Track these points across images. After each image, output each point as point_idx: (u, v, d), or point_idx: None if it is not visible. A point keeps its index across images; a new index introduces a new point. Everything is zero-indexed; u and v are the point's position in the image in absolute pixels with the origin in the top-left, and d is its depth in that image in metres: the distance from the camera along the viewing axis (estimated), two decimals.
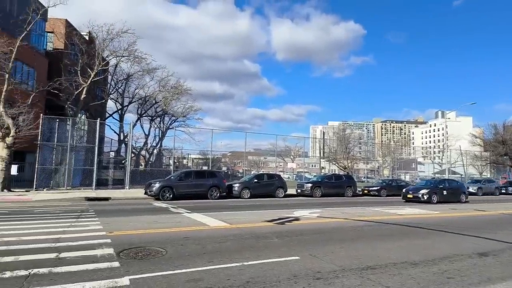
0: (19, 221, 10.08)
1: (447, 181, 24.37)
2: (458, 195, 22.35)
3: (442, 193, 21.31)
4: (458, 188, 23.40)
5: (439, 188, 21.59)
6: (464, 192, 23.18)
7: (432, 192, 20.85)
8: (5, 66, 21.10)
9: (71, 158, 23.86)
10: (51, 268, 5.39)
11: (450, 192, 21.87)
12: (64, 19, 35.47)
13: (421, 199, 20.55)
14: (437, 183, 22.95)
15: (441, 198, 21.01)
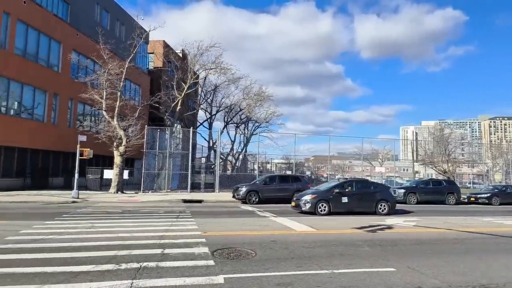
0: (130, 219, 11.59)
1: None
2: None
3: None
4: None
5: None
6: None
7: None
8: (117, 85, 24.70)
9: (170, 163, 26.58)
10: (158, 262, 6.05)
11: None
12: (162, 40, 39.97)
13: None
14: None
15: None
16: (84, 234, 8.47)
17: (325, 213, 13.90)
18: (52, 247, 7.04)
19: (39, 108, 25.52)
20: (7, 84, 22.54)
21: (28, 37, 24.15)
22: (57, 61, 26.99)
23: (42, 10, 25.72)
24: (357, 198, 14.58)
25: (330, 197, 14.21)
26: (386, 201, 14.84)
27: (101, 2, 35.73)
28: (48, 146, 25.83)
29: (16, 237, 7.97)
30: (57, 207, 15.17)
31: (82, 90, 24.21)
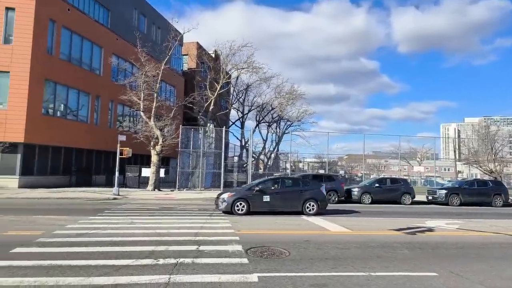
0: (167, 216, 11.98)
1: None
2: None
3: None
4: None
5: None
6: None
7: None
8: (154, 86, 25.61)
9: (203, 162, 27.16)
10: (193, 259, 6.20)
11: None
12: (195, 42, 40.89)
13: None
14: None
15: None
16: (125, 230, 8.86)
17: (243, 213, 12.49)
18: (95, 241, 7.44)
19: (83, 110, 27.10)
20: (54, 88, 24.15)
21: (73, 42, 25.70)
22: (98, 65, 28.49)
23: (85, 17, 27.25)
24: (281, 197, 13.13)
25: (249, 195, 12.82)
26: (315, 200, 13.27)
27: (138, 7, 37.22)
28: (91, 146, 27.36)
29: (63, 231, 8.51)
30: (99, 203, 16.03)
31: (122, 92, 25.36)
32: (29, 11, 21.81)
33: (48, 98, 23.69)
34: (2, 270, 5.23)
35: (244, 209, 12.60)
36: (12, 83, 21.41)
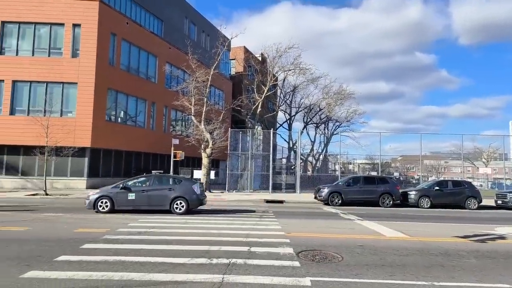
0: (219, 217, 12.29)
1: None
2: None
3: None
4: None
5: None
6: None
7: None
8: (204, 91, 26.56)
9: (251, 164, 27.50)
10: (245, 259, 6.27)
11: None
12: (242, 46, 41.68)
13: None
14: None
15: None
16: (180, 229, 9.27)
17: (107, 211, 12.26)
18: (154, 239, 7.88)
19: (140, 116, 29.00)
20: (115, 96, 26.16)
21: (131, 53, 27.66)
22: (154, 73, 30.31)
23: (141, 29, 29.18)
24: (148, 195, 12.72)
25: (114, 193, 12.57)
26: (185, 199, 12.74)
27: (189, 16, 38.96)
28: (148, 149, 29.15)
29: (125, 229, 9.14)
30: None
31: (174, 98, 26.69)
32: (93, 27, 23.91)
33: (110, 105, 25.72)
34: (75, 264, 5.76)
35: (107, 207, 12.42)
36: (80, 93, 23.61)
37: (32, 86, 23.80)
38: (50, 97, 23.29)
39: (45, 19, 23.90)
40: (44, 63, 23.67)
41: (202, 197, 13.38)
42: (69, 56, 23.88)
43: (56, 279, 4.96)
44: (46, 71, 23.47)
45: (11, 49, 24.03)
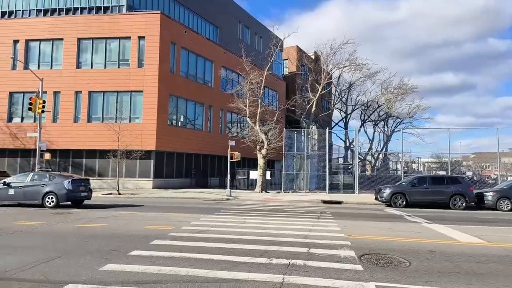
0: (276, 217, 12.37)
1: None
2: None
3: None
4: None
5: None
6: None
7: None
8: (258, 93, 26.93)
9: (307, 164, 27.17)
10: (305, 261, 6.22)
11: None
12: (295, 45, 41.44)
13: None
14: None
15: None
16: (239, 228, 9.52)
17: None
18: (215, 237, 8.20)
19: (198, 119, 30.41)
20: (176, 102, 27.78)
21: (189, 60, 29.15)
22: (210, 77, 31.57)
23: (198, 36, 30.59)
24: (24, 190, 13.98)
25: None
26: (55, 194, 13.81)
27: (243, 20, 39.84)
28: (206, 151, 30.43)
29: (188, 227, 9.65)
30: (215, 203, 17.65)
31: (230, 100, 27.49)
32: (155, 38, 25.68)
33: (172, 110, 27.38)
34: (146, 259, 6.23)
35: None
36: (145, 100, 25.51)
37: (105, 96, 26.34)
38: (120, 105, 25.57)
39: (114, 34, 26.28)
40: (114, 74, 26.03)
41: (74, 193, 14.26)
42: (135, 66, 25.95)
43: (131, 272, 5.42)
44: (116, 82, 25.80)
45: (87, 63, 26.85)
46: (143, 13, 26.72)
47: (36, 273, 5.28)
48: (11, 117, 27.32)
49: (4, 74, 27.04)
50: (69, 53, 26.63)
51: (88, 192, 15.13)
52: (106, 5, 28.15)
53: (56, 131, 25.75)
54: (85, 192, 14.89)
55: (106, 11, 28.12)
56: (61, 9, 28.80)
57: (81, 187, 14.74)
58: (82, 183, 15.03)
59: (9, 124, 26.89)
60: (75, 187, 14.36)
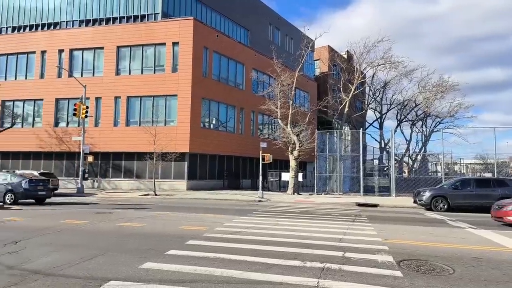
0: (308, 219, 12.22)
1: None
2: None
3: None
4: None
5: None
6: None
7: None
8: (289, 94, 26.80)
9: (340, 166, 26.59)
10: (340, 265, 6.08)
11: None
12: (327, 45, 40.82)
13: None
14: None
15: None
16: (271, 230, 9.51)
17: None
18: (248, 239, 8.25)
19: (230, 122, 30.81)
20: (208, 105, 28.34)
21: (221, 64, 29.66)
22: (241, 80, 31.90)
23: (230, 40, 31.05)
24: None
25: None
26: (13, 192, 15.14)
27: (273, 22, 39.91)
28: (238, 153, 30.74)
29: (222, 228, 9.79)
30: (247, 205, 17.77)
31: (261, 102, 27.59)
32: (188, 43, 26.39)
33: (204, 113, 27.98)
34: (182, 258, 6.40)
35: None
36: (179, 104, 26.27)
37: (142, 100, 27.46)
38: (156, 108, 26.55)
39: (150, 40, 27.35)
40: (150, 80, 27.08)
41: (31, 192, 15.56)
42: (170, 71, 26.82)
43: (168, 271, 5.59)
44: (152, 86, 26.81)
45: (125, 69, 28.15)
46: (177, 19, 27.57)
47: (80, 269, 5.60)
48: (58, 122, 29.25)
49: (51, 82, 29.05)
50: (109, 60, 28.07)
51: (47, 191, 16.32)
52: (142, 13, 29.41)
53: (98, 135, 27.21)
54: (43, 191, 16.00)
55: (142, 19, 29.36)
56: (101, 19, 30.46)
57: (38, 187, 15.85)
58: (40, 183, 16.13)
59: (56, 129, 28.80)
60: (33, 187, 15.56)
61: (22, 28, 32.87)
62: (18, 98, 29.89)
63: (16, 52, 30.19)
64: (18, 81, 30.07)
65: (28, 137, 28.75)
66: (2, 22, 33.63)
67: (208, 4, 32.83)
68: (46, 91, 28.99)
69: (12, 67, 30.51)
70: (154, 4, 29.15)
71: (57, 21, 31.86)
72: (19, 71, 30.34)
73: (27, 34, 31.27)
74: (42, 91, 29.11)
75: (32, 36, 30.51)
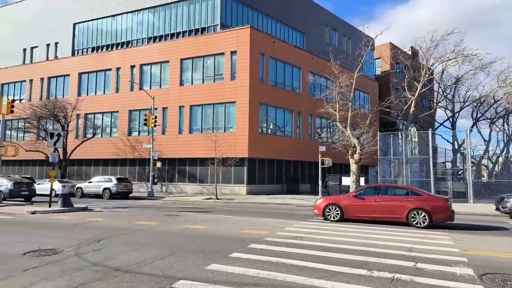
0: (375, 226, 11.59)
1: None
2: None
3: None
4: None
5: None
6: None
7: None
8: (348, 96, 25.92)
9: (407, 170, 24.87)
10: (412, 276, 5.67)
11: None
12: (388, 42, 38.77)
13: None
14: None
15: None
16: (333, 236, 9.24)
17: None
18: (310, 245, 8.12)
19: (287, 126, 30.80)
20: (265, 110, 28.71)
21: (277, 68, 29.90)
22: (298, 84, 31.76)
23: (285, 45, 31.18)
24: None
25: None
26: (1, 191, 17.43)
27: (330, 23, 39.16)
28: (296, 157, 30.55)
29: (283, 233, 9.79)
30: (307, 210, 17.51)
31: (319, 105, 27.12)
32: (245, 51, 27.11)
33: (262, 119, 28.40)
34: (245, 261, 6.54)
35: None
36: (238, 110, 27.05)
37: (203, 108, 28.87)
38: (216, 116, 27.68)
39: (210, 51, 28.71)
40: (211, 88, 28.37)
41: (15, 192, 18.18)
42: (228, 79, 27.81)
43: (232, 273, 5.75)
44: (212, 95, 28.05)
45: (188, 80, 29.90)
46: (234, 29, 28.54)
47: (154, 268, 6.05)
48: (131, 131, 32.09)
49: (125, 95, 32.03)
50: (174, 72, 30.09)
51: (30, 191, 19.16)
52: (203, 26, 31.07)
53: (165, 142, 29.22)
54: (26, 191, 18.92)
55: (203, 31, 30.99)
56: (166, 35, 32.87)
57: (22, 188, 18.81)
58: (23, 185, 19.07)
59: (129, 138, 31.61)
60: (16, 188, 18.46)
61: (99, 48, 36.91)
62: (98, 111, 33.48)
63: (96, 70, 33.92)
64: (97, 96, 33.71)
65: (106, 146, 31.99)
66: (83, 44, 38.15)
67: (264, 11, 33.43)
68: (121, 104, 32.04)
69: (92, 84, 34.33)
70: (213, 16, 30.61)
71: (129, 39, 35.16)
72: (98, 87, 34.00)
73: (104, 53, 34.97)
74: (118, 104, 32.23)
75: (108, 55, 34.03)
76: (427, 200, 11.35)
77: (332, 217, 12.40)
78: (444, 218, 11.24)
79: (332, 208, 12.45)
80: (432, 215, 11.02)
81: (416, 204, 11.25)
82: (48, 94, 35.68)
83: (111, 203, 19.27)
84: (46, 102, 31.67)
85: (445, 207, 11.18)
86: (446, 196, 23.87)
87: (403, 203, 11.48)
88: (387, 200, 11.83)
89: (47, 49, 40.47)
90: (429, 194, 13.02)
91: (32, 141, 32.92)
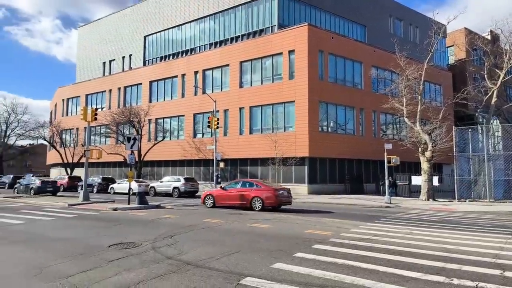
0: (451, 230, 10.61)
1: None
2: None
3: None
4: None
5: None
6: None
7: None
8: (417, 89, 24.07)
9: (489, 168, 22.23)
10: (499, 286, 5.06)
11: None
12: (462, 28, 35.17)
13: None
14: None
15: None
16: (404, 240, 8.65)
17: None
18: (378, 247, 7.72)
19: (349, 123, 29.69)
20: (325, 108, 28.04)
21: (337, 65, 29.01)
22: (359, 79, 30.44)
23: (345, 40, 30.11)
24: (24, 186, 24.55)
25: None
26: (33, 188, 23.09)
27: (393, 13, 36.85)
28: (359, 156, 29.28)
29: (348, 234, 9.45)
30: (374, 210, 16.68)
31: (383, 101, 25.66)
32: (303, 49, 26.81)
33: (322, 117, 27.80)
34: (310, 262, 6.46)
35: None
36: (297, 109, 26.85)
37: (262, 109, 29.25)
38: (275, 116, 27.84)
39: (268, 52, 28.99)
40: (269, 89, 28.62)
41: (42, 188, 23.45)
42: (287, 79, 27.78)
43: (298, 273, 5.72)
44: (271, 95, 28.28)
45: (247, 82, 30.56)
46: (291, 28, 28.40)
47: (221, 263, 6.29)
48: (195, 133, 33.87)
49: (190, 99, 33.93)
50: (233, 75, 31.02)
51: (54, 188, 24.35)
52: (261, 28, 31.51)
53: (227, 143, 30.26)
54: (51, 188, 24.18)
55: (261, 33, 31.42)
56: (226, 39, 34.05)
57: (48, 185, 24.18)
58: (48, 183, 24.56)
59: (194, 140, 33.40)
60: (43, 185, 23.92)
61: (167, 57, 39.67)
62: (166, 115, 35.98)
63: (164, 78, 36.52)
64: (166, 102, 36.25)
65: (174, 148, 34.22)
66: (153, 54, 41.35)
67: (321, 7, 32.70)
68: (186, 108, 34.01)
69: (161, 90, 37.02)
70: (270, 18, 30.86)
71: (192, 47, 37.21)
72: (166, 93, 36.55)
73: (170, 61, 37.48)
74: (183, 108, 34.27)
75: (174, 63, 36.38)
76: (261, 191, 15.16)
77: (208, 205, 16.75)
78: (271, 203, 15.05)
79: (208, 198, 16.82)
80: (264, 201, 14.88)
81: (255, 194, 15.18)
82: (125, 102, 39.38)
83: (180, 201, 20.54)
84: (123, 109, 35.02)
85: (273, 196, 14.98)
86: None
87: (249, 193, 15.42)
88: (240, 191, 15.82)
89: (122, 61, 44.77)
90: (266, 185, 15.80)
91: (112, 145, 36.62)
